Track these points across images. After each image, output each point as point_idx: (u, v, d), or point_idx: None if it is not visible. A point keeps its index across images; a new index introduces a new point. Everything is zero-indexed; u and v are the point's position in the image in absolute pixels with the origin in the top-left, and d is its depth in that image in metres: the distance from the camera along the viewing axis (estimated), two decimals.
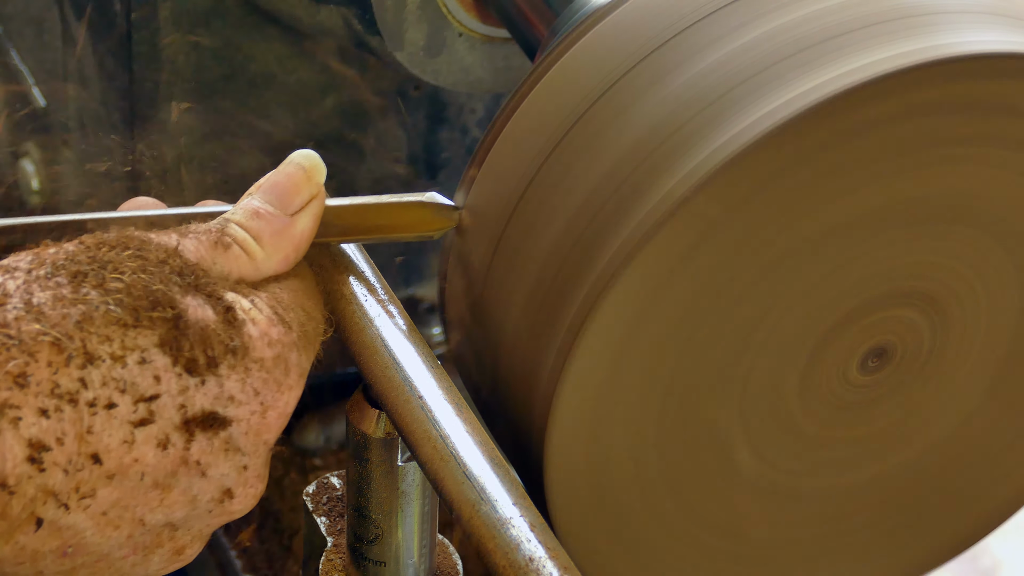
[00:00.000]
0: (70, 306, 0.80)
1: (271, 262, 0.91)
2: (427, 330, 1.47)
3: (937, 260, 1.02)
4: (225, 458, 0.86)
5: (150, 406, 0.81)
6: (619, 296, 0.93)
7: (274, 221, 0.91)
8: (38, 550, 0.81)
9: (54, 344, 0.79)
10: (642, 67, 0.96)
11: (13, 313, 0.79)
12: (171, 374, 0.82)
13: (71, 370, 0.79)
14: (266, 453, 0.89)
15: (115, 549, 0.84)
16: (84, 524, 0.82)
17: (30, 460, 0.77)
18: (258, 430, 0.87)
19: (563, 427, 0.96)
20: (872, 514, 1.13)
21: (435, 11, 1.23)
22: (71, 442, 0.79)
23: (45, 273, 0.82)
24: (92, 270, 0.82)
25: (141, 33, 1.26)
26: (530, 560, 0.83)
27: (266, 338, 0.87)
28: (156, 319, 0.82)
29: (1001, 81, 0.95)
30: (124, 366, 0.81)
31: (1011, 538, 2.10)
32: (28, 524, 0.79)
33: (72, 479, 0.80)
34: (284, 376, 0.88)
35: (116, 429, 0.80)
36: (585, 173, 0.95)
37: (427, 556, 0.99)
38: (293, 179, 0.93)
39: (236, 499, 0.88)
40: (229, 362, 0.85)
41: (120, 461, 0.81)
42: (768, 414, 1.03)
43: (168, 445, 0.83)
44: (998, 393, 1.11)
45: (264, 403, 0.87)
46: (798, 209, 0.95)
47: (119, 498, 0.82)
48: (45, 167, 1.42)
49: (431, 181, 1.41)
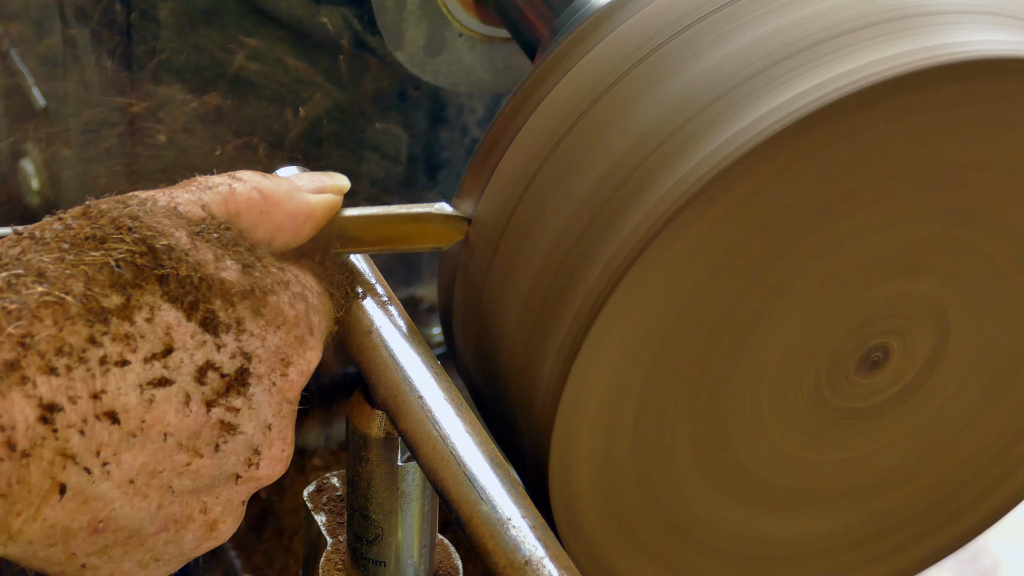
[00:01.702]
0: (72, 267, 0.80)
1: (281, 212, 0.90)
2: (427, 330, 1.47)
3: (938, 262, 1.02)
4: (249, 416, 0.85)
5: (165, 362, 0.81)
6: (620, 298, 0.93)
7: (284, 183, 0.92)
8: (68, 527, 0.80)
9: (58, 303, 0.78)
10: (642, 68, 0.96)
11: (15, 277, 0.79)
12: (184, 329, 0.82)
13: (78, 327, 0.79)
14: (290, 414, 0.88)
15: (146, 523, 0.83)
16: (112, 494, 0.81)
17: (42, 420, 0.77)
18: (281, 387, 0.86)
19: (563, 427, 0.96)
20: (871, 514, 1.13)
21: (435, 11, 1.23)
22: (85, 402, 0.78)
23: (48, 237, 0.82)
24: (94, 231, 0.82)
25: (141, 33, 1.26)
26: (530, 560, 0.83)
27: (287, 295, 0.87)
28: (162, 275, 0.82)
29: (1002, 81, 0.95)
30: (132, 323, 0.80)
31: (1011, 538, 2.10)
32: (52, 493, 0.78)
33: (91, 441, 0.79)
34: (307, 334, 0.88)
35: (132, 387, 0.80)
36: (583, 175, 0.95)
37: (427, 556, 0.99)
38: (317, 175, 0.95)
39: (263, 462, 0.87)
40: (249, 318, 0.84)
41: (140, 421, 0.80)
42: (768, 414, 1.03)
43: (189, 403, 0.82)
44: (997, 394, 1.11)
45: (286, 360, 0.86)
46: (798, 211, 0.95)
47: (144, 463, 0.81)
48: (45, 167, 1.42)
49: (431, 181, 1.41)
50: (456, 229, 1.00)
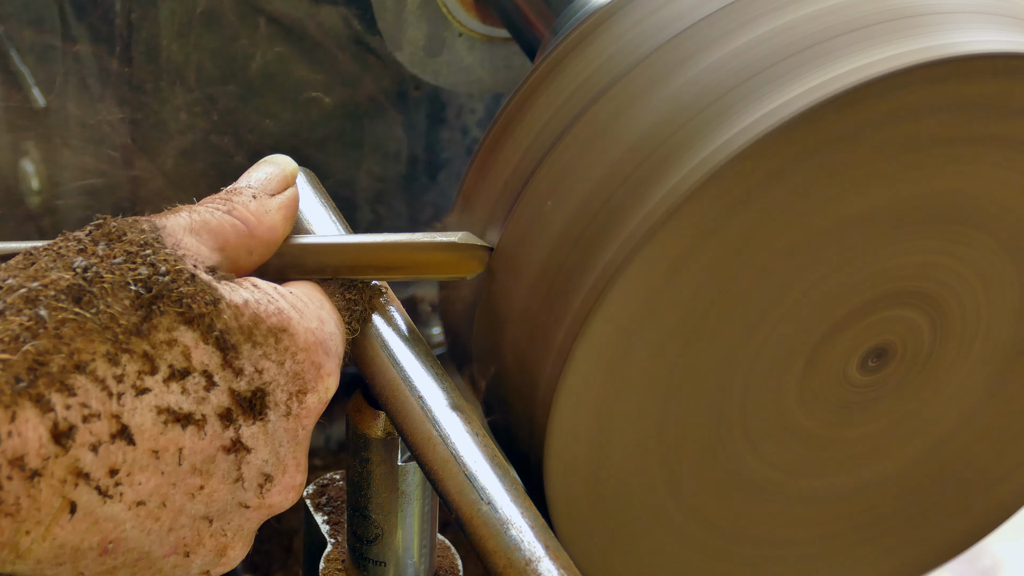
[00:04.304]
0: (90, 284, 0.80)
1: (263, 225, 0.90)
2: (427, 330, 1.46)
3: (938, 260, 1.02)
4: (264, 443, 0.85)
5: (182, 384, 0.81)
6: (618, 297, 0.93)
7: (253, 205, 0.91)
8: (78, 547, 0.80)
9: (76, 320, 0.78)
10: (643, 67, 0.96)
11: (34, 293, 0.78)
12: (201, 352, 0.81)
13: (96, 346, 0.78)
14: (305, 440, 0.88)
15: (156, 546, 0.83)
16: (123, 515, 0.80)
17: (55, 439, 0.76)
18: (297, 414, 0.86)
19: (563, 427, 0.96)
20: (872, 514, 1.13)
21: (435, 11, 1.23)
22: (100, 421, 0.78)
23: (66, 255, 0.81)
24: (111, 252, 0.82)
25: (141, 33, 1.26)
26: (530, 560, 0.83)
27: (304, 320, 0.86)
28: (180, 298, 0.81)
29: (1002, 81, 0.95)
30: (151, 344, 0.80)
31: (1011, 538, 2.10)
32: (62, 512, 0.78)
33: (104, 461, 0.78)
34: (325, 359, 0.87)
35: (148, 408, 0.80)
36: (583, 175, 0.95)
37: (427, 556, 0.99)
38: (269, 175, 0.93)
39: (276, 488, 0.87)
40: (265, 343, 0.84)
41: (155, 443, 0.80)
42: (768, 414, 1.03)
43: (205, 427, 0.82)
44: (998, 393, 1.11)
45: (303, 388, 0.86)
46: (799, 209, 0.95)
47: (157, 485, 0.81)
48: (45, 167, 1.42)
49: (431, 181, 1.41)
50: (478, 259, 0.97)
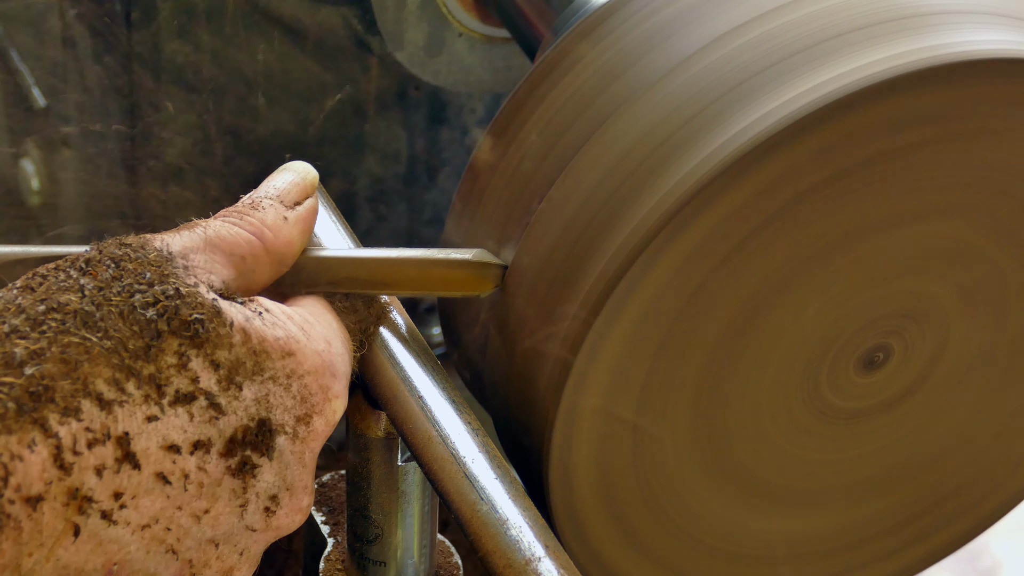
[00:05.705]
0: (96, 307, 0.79)
1: (279, 240, 0.89)
2: (427, 330, 1.46)
3: (939, 262, 1.02)
4: (270, 467, 0.84)
5: (188, 408, 0.80)
6: (621, 297, 0.93)
7: (271, 214, 0.90)
8: (82, 569, 0.79)
9: (81, 343, 0.78)
10: (643, 66, 0.96)
11: (39, 315, 0.78)
12: (208, 376, 0.81)
13: (101, 369, 0.78)
14: (312, 463, 0.87)
15: (161, 568, 0.82)
16: (127, 538, 0.79)
17: (58, 463, 0.76)
18: (304, 438, 0.85)
19: (563, 428, 0.96)
20: (871, 514, 1.13)
21: (435, 11, 1.23)
22: (105, 445, 0.77)
23: (71, 277, 0.81)
24: (117, 274, 0.81)
25: (141, 33, 1.26)
26: (530, 560, 0.83)
27: (311, 341, 0.86)
28: (186, 321, 0.81)
29: (1003, 81, 0.95)
30: (156, 367, 0.79)
31: (1011, 538, 2.10)
32: (66, 535, 0.77)
33: (109, 484, 0.78)
34: (332, 381, 0.87)
35: (153, 432, 0.79)
36: (583, 174, 0.95)
37: (427, 556, 0.99)
38: (290, 185, 0.92)
39: (282, 511, 0.86)
40: (275, 367, 0.84)
41: (160, 466, 0.79)
42: (771, 415, 1.03)
43: (211, 451, 0.81)
44: (998, 394, 1.11)
45: (309, 411, 0.85)
46: (801, 209, 0.95)
47: (162, 508, 0.80)
48: (45, 167, 1.42)
49: (431, 181, 1.41)
50: (492, 277, 0.96)
